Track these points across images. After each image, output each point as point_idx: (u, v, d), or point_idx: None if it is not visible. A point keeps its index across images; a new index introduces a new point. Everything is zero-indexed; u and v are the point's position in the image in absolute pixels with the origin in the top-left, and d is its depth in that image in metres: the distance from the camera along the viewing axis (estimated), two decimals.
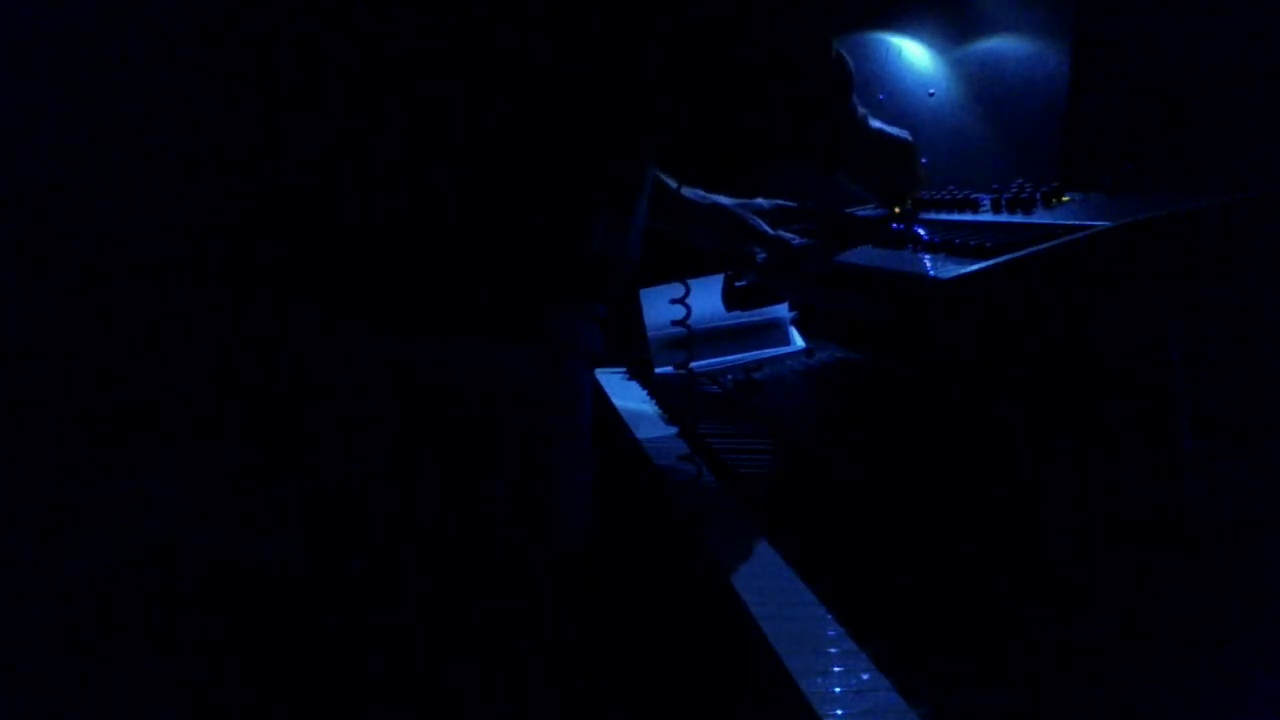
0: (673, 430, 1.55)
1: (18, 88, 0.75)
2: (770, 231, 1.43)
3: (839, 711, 0.74)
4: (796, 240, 1.43)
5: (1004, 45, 1.39)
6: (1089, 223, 0.92)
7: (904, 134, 1.23)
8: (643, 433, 1.54)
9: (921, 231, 1.16)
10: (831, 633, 0.86)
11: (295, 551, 0.73)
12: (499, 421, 0.80)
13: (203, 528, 0.72)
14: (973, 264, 0.94)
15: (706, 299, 1.61)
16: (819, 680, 0.78)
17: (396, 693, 0.76)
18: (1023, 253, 0.91)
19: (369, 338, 0.75)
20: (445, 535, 0.77)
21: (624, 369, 1.99)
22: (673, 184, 1.34)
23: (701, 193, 1.43)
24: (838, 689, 0.77)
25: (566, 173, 0.82)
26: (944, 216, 1.21)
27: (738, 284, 1.55)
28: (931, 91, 1.53)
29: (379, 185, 0.74)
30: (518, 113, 0.78)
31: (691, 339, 1.42)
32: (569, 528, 0.87)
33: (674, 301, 1.36)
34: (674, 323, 1.41)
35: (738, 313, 1.68)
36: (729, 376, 1.75)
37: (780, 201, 1.47)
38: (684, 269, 1.46)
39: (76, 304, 0.73)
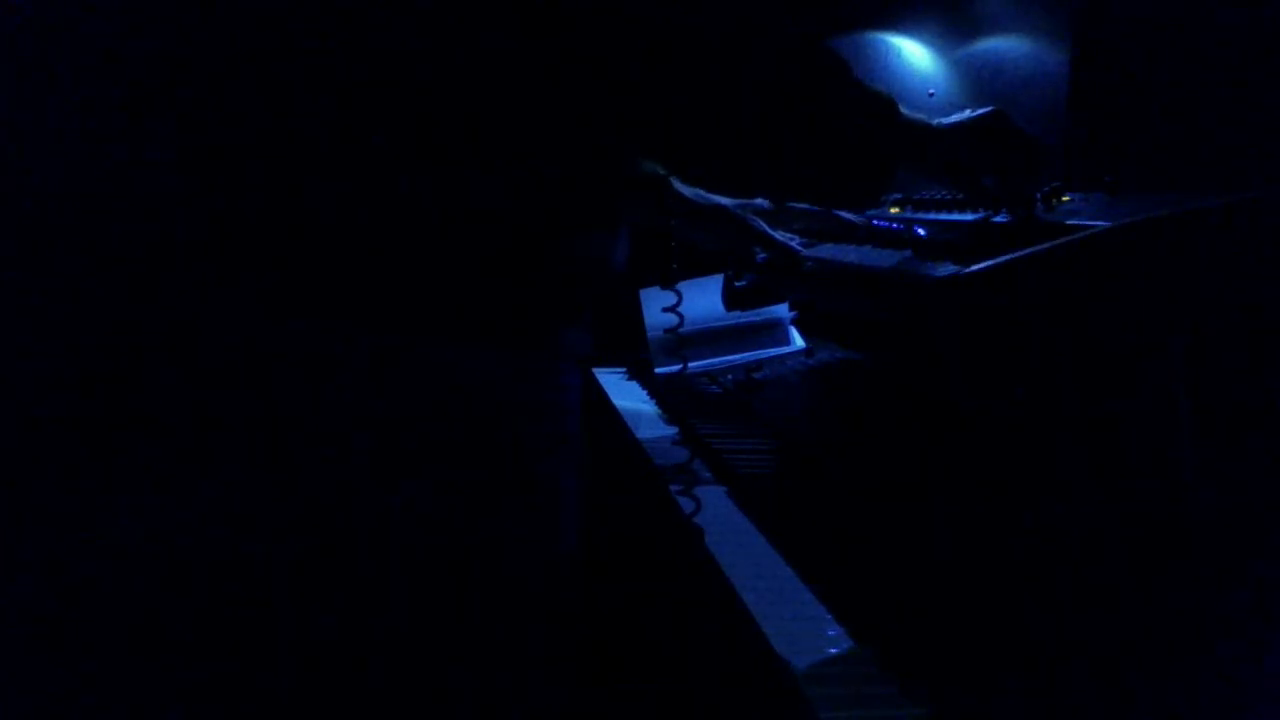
0: (673, 430, 1.55)
1: (16, 87, 0.75)
2: (771, 233, 1.43)
3: (839, 711, 0.74)
4: (796, 241, 1.43)
5: (1004, 45, 1.39)
6: (1089, 223, 0.92)
7: (981, 111, 1.07)
8: (643, 433, 1.54)
9: (921, 231, 1.16)
10: (831, 633, 0.87)
11: (288, 553, 0.73)
12: (485, 425, 0.80)
13: (196, 529, 0.72)
14: (972, 264, 0.94)
15: (706, 299, 1.61)
16: (819, 680, 0.78)
17: (392, 696, 0.76)
18: (1023, 252, 0.90)
19: (359, 341, 0.75)
20: (437, 537, 0.77)
21: (624, 369, 1.99)
22: (673, 184, 1.34)
23: (702, 193, 1.43)
24: (838, 689, 0.77)
25: (552, 177, 0.82)
26: (944, 216, 1.21)
27: (738, 284, 1.55)
28: (931, 92, 1.53)
29: (368, 188, 0.74)
30: (505, 116, 0.78)
31: (692, 340, 1.42)
32: (557, 531, 0.87)
33: (666, 310, 1.36)
34: (667, 330, 1.41)
35: (737, 313, 1.68)
36: (729, 376, 1.75)
37: None
38: (684, 269, 1.46)
39: (73, 304, 0.73)
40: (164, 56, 0.73)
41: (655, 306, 1.81)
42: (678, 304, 1.40)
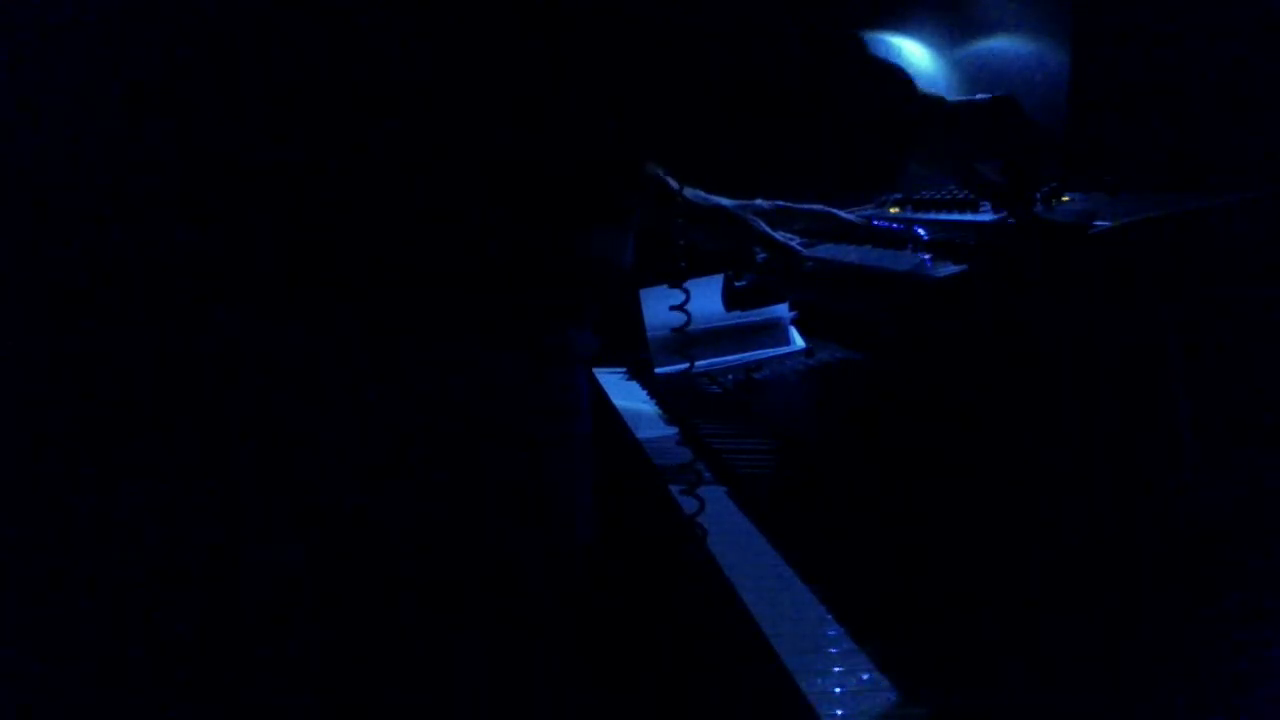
0: (673, 430, 1.55)
1: (15, 86, 0.75)
2: (772, 234, 1.43)
3: (839, 711, 0.74)
4: (796, 241, 1.43)
5: (1004, 45, 1.39)
6: (1088, 222, 0.92)
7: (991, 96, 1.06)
8: (643, 433, 1.54)
9: (921, 231, 1.16)
10: (831, 633, 0.86)
11: (293, 554, 0.73)
12: (492, 427, 0.80)
13: (201, 531, 0.72)
14: (971, 264, 0.94)
15: (706, 299, 1.61)
16: (819, 680, 0.78)
17: (396, 696, 0.76)
18: (1023, 253, 0.91)
19: (364, 341, 0.75)
20: (440, 539, 0.77)
21: (624, 369, 1.99)
22: (674, 185, 1.34)
23: (702, 193, 1.43)
24: (838, 689, 0.77)
25: (559, 180, 0.82)
26: (944, 216, 1.21)
27: (738, 284, 1.55)
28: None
29: (373, 190, 0.74)
30: (511, 120, 0.78)
31: (692, 340, 1.42)
32: (566, 533, 0.87)
33: (674, 308, 1.36)
34: (675, 329, 1.41)
35: (738, 313, 1.68)
36: (729, 376, 1.75)
37: (780, 202, 1.47)
38: (684, 270, 1.46)
39: (75, 305, 0.73)
40: (163, 57, 0.73)
41: (655, 306, 1.81)
42: (685, 302, 1.40)
